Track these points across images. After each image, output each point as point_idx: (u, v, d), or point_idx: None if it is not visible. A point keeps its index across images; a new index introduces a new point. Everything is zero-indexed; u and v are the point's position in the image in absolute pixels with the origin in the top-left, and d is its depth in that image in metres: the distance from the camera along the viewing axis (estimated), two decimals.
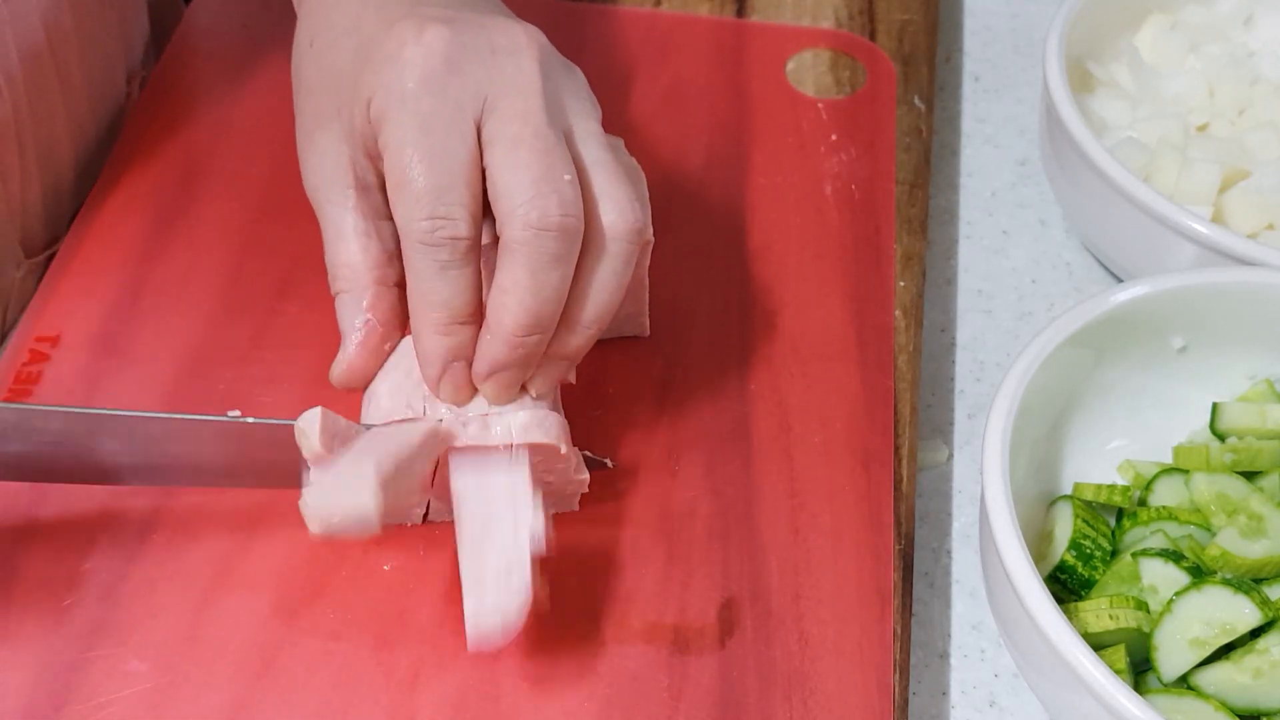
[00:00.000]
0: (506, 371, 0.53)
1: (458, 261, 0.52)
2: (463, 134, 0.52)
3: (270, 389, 0.62)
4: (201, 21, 0.79)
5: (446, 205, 0.51)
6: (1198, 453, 0.61)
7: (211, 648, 0.54)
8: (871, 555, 0.58)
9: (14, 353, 0.63)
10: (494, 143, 0.52)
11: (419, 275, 0.52)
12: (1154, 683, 0.55)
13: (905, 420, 0.63)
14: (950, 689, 0.60)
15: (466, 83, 0.52)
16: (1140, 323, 0.61)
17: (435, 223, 0.51)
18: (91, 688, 0.53)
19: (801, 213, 0.71)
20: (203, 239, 0.68)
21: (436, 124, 0.52)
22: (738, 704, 0.54)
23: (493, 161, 0.52)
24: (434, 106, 0.52)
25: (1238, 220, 0.69)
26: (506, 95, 0.52)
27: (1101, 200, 0.68)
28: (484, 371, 0.53)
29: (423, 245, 0.52)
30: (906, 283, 0.68)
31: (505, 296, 0.52)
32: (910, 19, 0.81)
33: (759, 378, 0.64)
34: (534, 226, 0.51)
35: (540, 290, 0.51)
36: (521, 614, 0.51)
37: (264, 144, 0.73)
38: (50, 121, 0.69)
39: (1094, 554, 0.58)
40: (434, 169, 0.51)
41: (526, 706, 0.54)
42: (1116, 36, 0.78)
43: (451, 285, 0.52)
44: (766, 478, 0.61)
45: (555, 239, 0.51)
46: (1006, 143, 0.81)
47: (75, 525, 0.58)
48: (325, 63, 0.56)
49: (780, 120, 0.75)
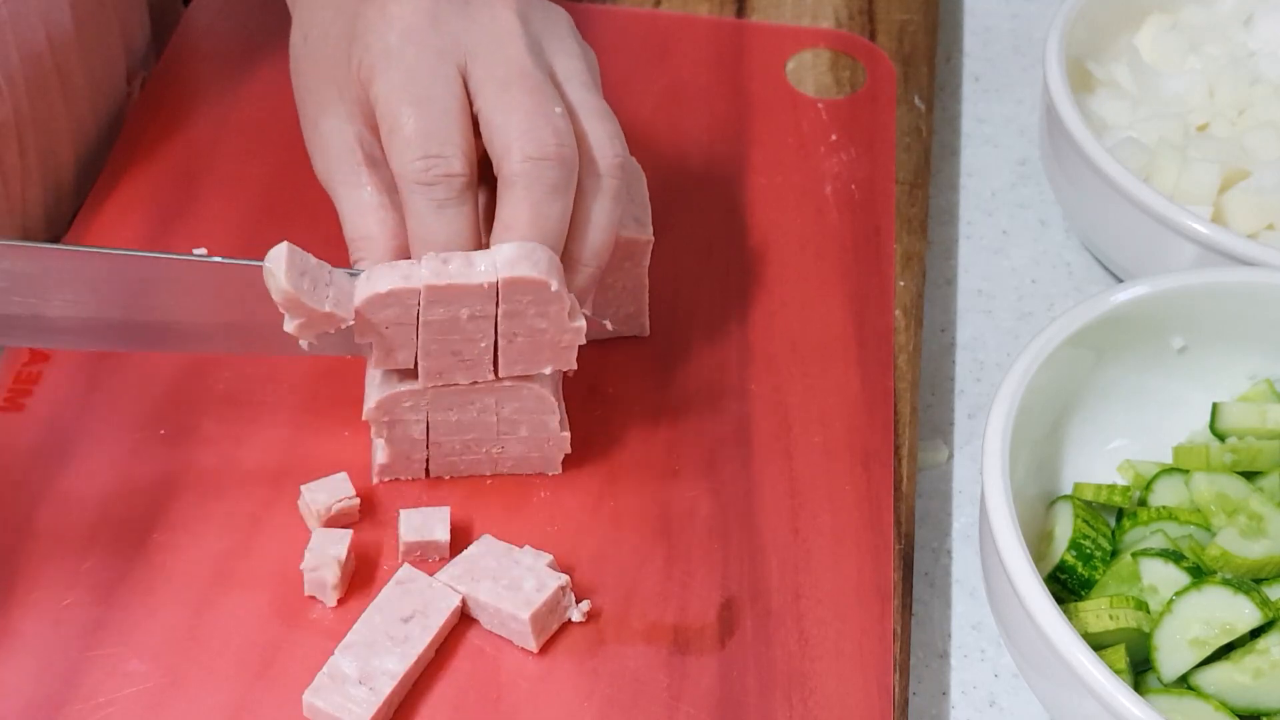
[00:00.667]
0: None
1: (454, 199, 0.53)
2: (448, 79, 0.53)
3: (270, 389, 0.62)
4: (201, 21, 0.79)
5: (439, 144, 0.52)
6: (1198, 453, 0.60)
7: (211, 648, 0.54)
8: (871, 555, 0.58)
9: (14, 353, 0.63)
10: (482, 88, 0.53)
11: (417, 217, 0.53)
12: (1154, 683, 0.55)
13: (905, 420, 0.63)
14: (950, 689, 0.60)
15: (446, 33, 0.54)
16: (1140, 323, 0.61)
17: (429, 161, 0.52)
18: (91, 688, 0.53)
19: (801, 213, 0.71)
20: (203, 239, 0.68)
21: (422, 71, 0.53)
22: (738, 704, 0.54)
23: (484, 105, 0.53)
24: (418, 55, 0.53)
25: (1238, 220, 0.69)
26: (488, 43, 0.54)
27: (1101, 200, 0.68)
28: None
29: (419, 185, 0.53)
30: (906, 283, 0.68)
31: (508, 232, 0.52)
32: (910, 19, 0.81)
33: (759, 378, 0.64)
34: (532, 157, 0.52)
35: (543, 221, 0.52)
36: None
37: (264, 144, 0.72)
38: (51, 122, 0.69)
39: (1094, 554, 0.58)
40: (423, 113, 0.53)
41: (527, 706, 0.54)
42: (1116, 36, 0.78)
43: (450, 224, 0.53)
44: (766, 478, 0.61)
45: (553, 168, 0.52)
46: (1006, 143, 0.81)
47: (75, 525, 0.58)
48: (319, 53, 0.57)
49: (780, 120, 0.75)
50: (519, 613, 0.54)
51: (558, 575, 0.55)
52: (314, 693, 0.52)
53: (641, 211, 0.62)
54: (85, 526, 0.58)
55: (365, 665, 0.53)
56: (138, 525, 0.58)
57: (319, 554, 0.55)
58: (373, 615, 0.54)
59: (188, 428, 0.61)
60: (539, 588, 0.54)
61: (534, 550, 0.56)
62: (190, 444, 0.60)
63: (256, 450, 0.60)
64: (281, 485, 0.59)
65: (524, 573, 0.55)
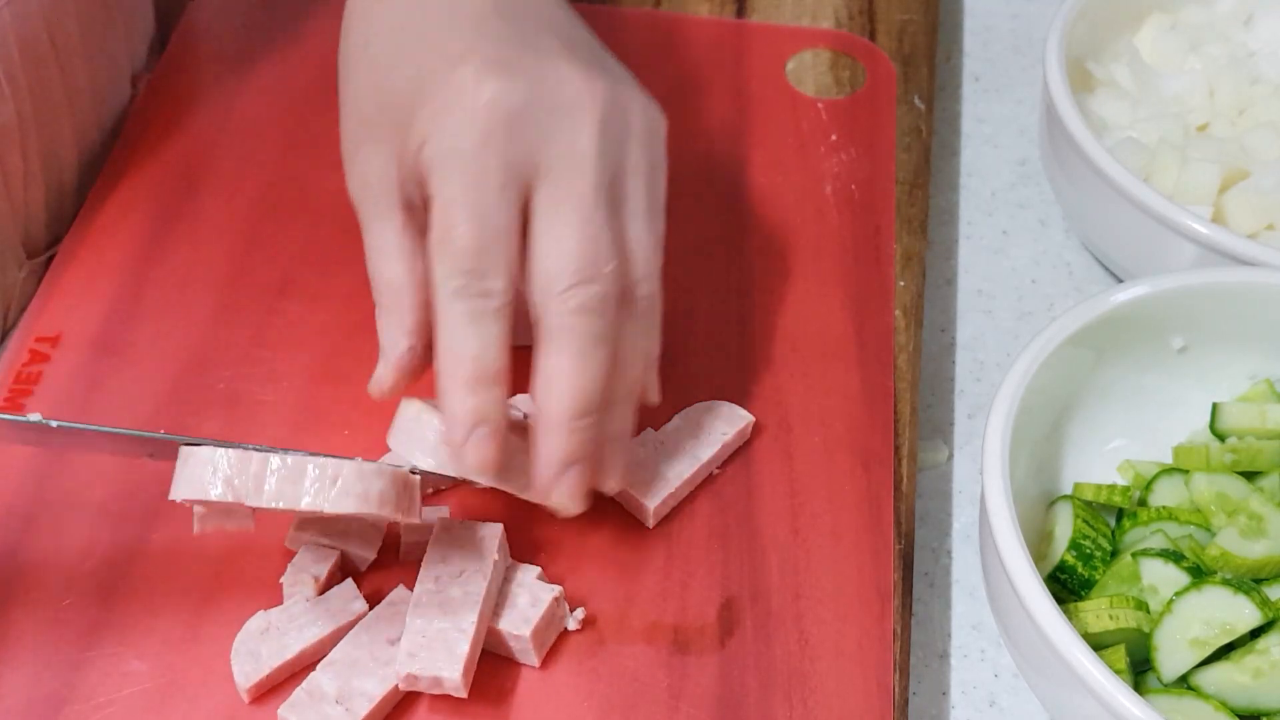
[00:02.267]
0: (573, 468, 0.52)
1: (490, 316, 0.51)
2: (510, 199, 0.51)
3: (270, 388, 0.62)
4: (201, 21, 0.79)
5: (485, 264, 0.51)
6: (1198, 453, 0.60)
7: (211, 648, 0.54)
8: (871, 555, 0.58)
9: (14, 353, 0.63)
10: (540, 214, 0.52)
11: (449, 329, 0.51)
12: (1154, 683, 0.55)
13: (905, 420, 0.63)
14: (950, 689, 0.60)
15: (520, 146, 0.51)
16: (1140, 323, 0.61)
17: (471, 277, 0.51)
18: (91, 688, 0.53)
19: (801, 213, 0.71)
20: (203, 239, 0.68)
21: (487, 186, 0.51)
22: (738, 704, 0.54)
23: (536, 232, 0.52)
24: (485, 167, 0.51)
25: (1238, 220, 0.69)
26: (560, 165, 0.52)
27: (1101, 200, 0.68)
28: (551, 472, 0.52)
29: (456, 298, 0.51)
30: (906, 283, 0.68)
31: (551, 386, 0.51)
32: (910, 19, 0.81)
33: (759, 378, 0.64)
34: (575, 310, 0.51)
35: (585, 374, 0.51)
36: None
37: (264, 144, 0.73)
38: (54, 123, 0.69)
39: (1094, 554, 0.58)
40: (477, 230, 0.51)
41: (526, 707, 0.54)
42: (1116, 36, 0.78)
43: (481, 339, 0.51)
44: (766, 478, 0.61)
45: (597, 319, 0.51)
46: (1006, 143, 0.81)
47: (75, 525, 0.58)
48: (380, 76, 0.55)
49: (780, 120, 0.75)
50: (519, 631, 0.54)
51: (550, 587, 0.55)
52: (290, 708, 0.52)
53: None
54: (85, 527, 0.58)
55: (345, 685, 0.52)
56: (138, 525, 0.58)
57: (297, 572, 0.55)
58: (360, 634, 0.54)
59: (188, 428, 0.61)
60: (534, 602, 0.54)
61: (522, 565, 0.56)
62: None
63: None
64: None
65: (515, 589, 0.55)
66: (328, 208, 0.69)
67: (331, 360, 0.63)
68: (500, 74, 0.52)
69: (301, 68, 0.76)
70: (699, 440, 0.60)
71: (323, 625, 0.54)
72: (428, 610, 0.53)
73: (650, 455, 0.60)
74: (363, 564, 0.56)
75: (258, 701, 0.53)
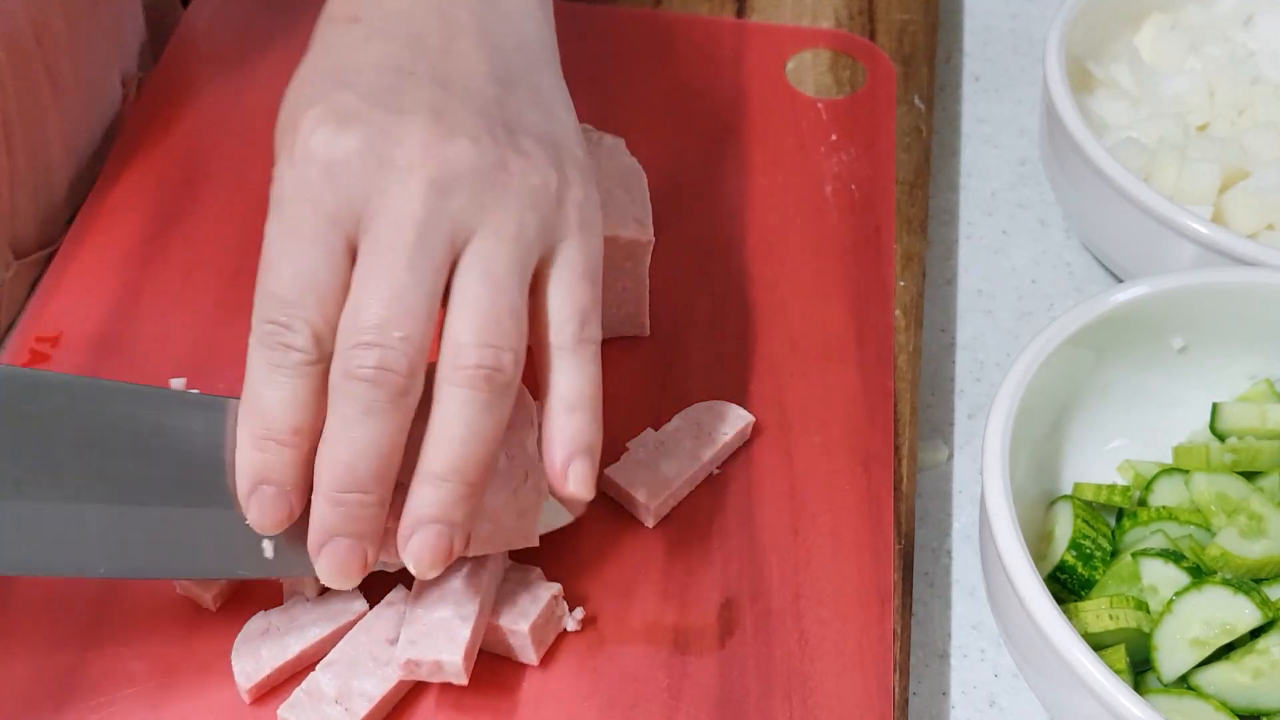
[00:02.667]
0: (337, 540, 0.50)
1: (288, 370, 0.49)
2: (326, 252, 0.49)
3: None
4: (201, 22, 0.79)
5: (288, 315, 0.49)
6: (1198, 453, 0.61)
7: (212, 648, 0.54)
8: (871, 555, 0.58)
9: (14, 353, 0.63)
10: (358, 266, 0.49)
11: (250, 377, 0.50)
12: (1154, 683, 0.55)
13: (905, 420, 0.63)
14: (950, 689, 0.60)
15: (340, 197, 0.49)
16: (1140, 323, 0.61)
17: (274, 328, 0.49)
18: (91, 688, 0.53)
19: (801, 213, 0.71)
20: (203, 239, 0.68)
21: (300, 235, 0.49)
22: (738, 704, 0.54)
23: (353, 282, 0.49)
24: (299, 215, 0.49)
25: (1238, 220, 0.69)
26: (381, 220, 0.49)
27: (1101, 200, 0.68)
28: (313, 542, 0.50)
29: (260, 345, 0.49)
30: (906, 283, 0.68)
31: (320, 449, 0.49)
32: (910, 19, 0.81)
33: (759, 378, 0.64)
34: (355, 377, 0.48)
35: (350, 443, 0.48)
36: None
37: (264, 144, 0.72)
38: (41, 124, 0.68)
39: (1094, 554, 0.58)
40: (287, 278, 0.49)
41: (526, 707, 0.54)
42: (1116, 36, 0.78)
43: (277, 392, 0.49)
44: (766, 478, 0.61)
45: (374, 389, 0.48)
46: (1006, 143, 0.81)
47: None
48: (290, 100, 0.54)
49: (780, 120, 0.75)
50: (517, 626, 0.54)
51: (549, 585, 0.55)
52: (289, 708, 0.52)
53: (641, 212, 0.62)
54: None
55: (344, 685, 0.52)
56: None
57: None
58: (359, 634, 0.54)
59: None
60: (533, 600, 0.54)
61: (521, 565, 0.56)
62: None
63: None
64: None
65: (514, 587, 0.55)
66: None
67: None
68: (333, 124, 0.50)
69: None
70: (699, 440, 0.60)
71: (323, 625, 0.54)
72: (428, 600, 0.53)
73: (650, 455, 0.60)
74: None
75: (258, 702, 0.53)
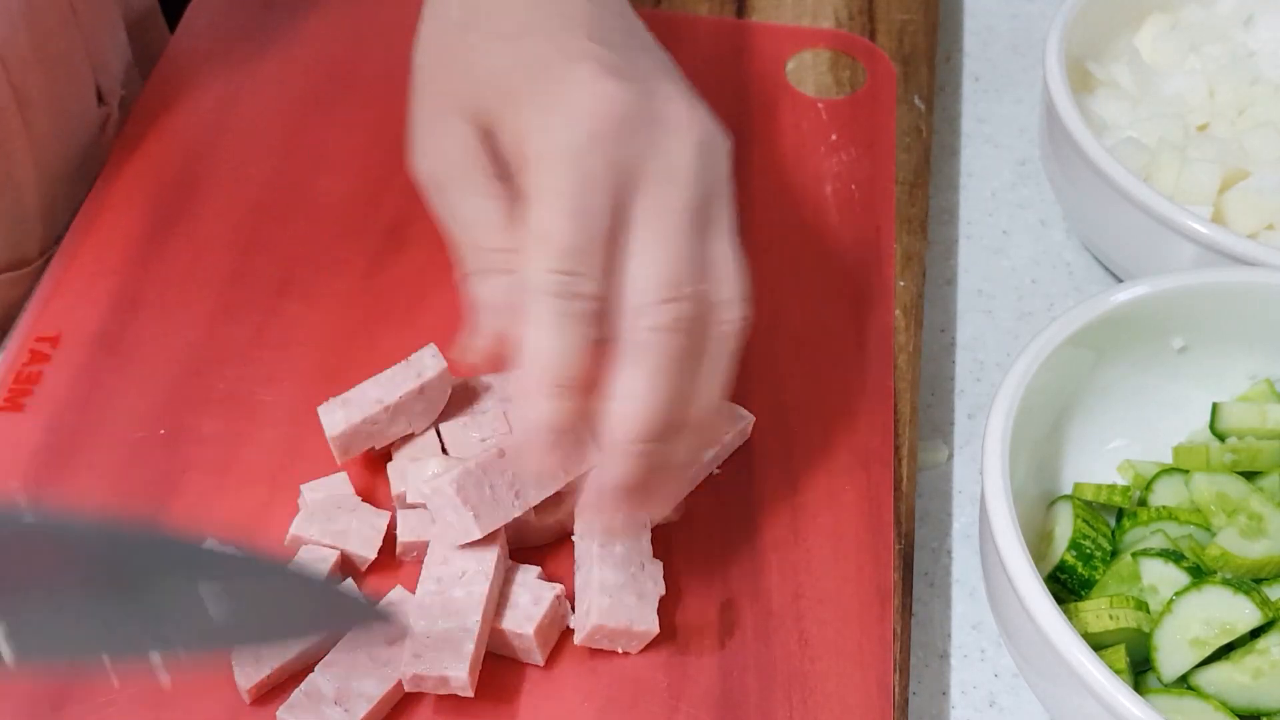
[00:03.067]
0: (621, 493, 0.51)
1: (578, 318, 0.49)
2: (612, 204, 0.50)
3: (270, 388, 0.62)
4: (198, 25, 0.79)
5: (580, 266, 0.49)
6: (1198, 453, 0.60)
7: None
8: (871, 555, 0.58)
9: (14, 353, 0.63)
10: (634, 225, 0.50)
11: (537, 327, 0.49)
12: (1154, 683, 0.55)
13: (905, 420, 0.63)
14: (950, 689, 0.60)
15: (625, 153, 0.50)
16: (1140, 323, 0.61)
17: (566, 277, 0.49)
18: (91, 688, 0.53)
19: (801, 213, 0.71)
20: (203, 239, 0.68)
21: (591, 187, 0.50)
22: (738, 704, 0.54)
23: (628, 243, 0.50)
24: (592, 168, 0.50)
25: (1238, 220, 0.69)
26: (661, 179, 0.51)
27: (1101, 200, 0.68)
28: (595, 495, 0.51)
29: (547, 296, 0.49)
30: (906, 283, 0.68)
31: (624, 404, 0.50)
32: (910, 19, 0.81)
33: (759, 378, 0.64)
34: (659, 329, 0.49)
35: (659, 393, 0.49)
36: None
37: (264, 144, 0.73)
38: (8, 143, 0.67)
39: (1094, 554, 0.58)
40: (579, 229, 0.49)
41: (526, 707, 0.54)
42: (1116, 36, 0.78)
43: (567, 340, 0.49)
44: (766, 478, 0.61)
45: (681, 339, 0.49)
46: (1006, 143, 0.81)
47: None
48: (477, 56, 0.53)
49: (780, 120, 0.75)
50: (523, 629, 0.53)
51: (552, 586, 0.55)
52: (288, 709, 0.52)
53: None
54: None
55: (343, 686, 0.52)
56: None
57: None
58: (358, 635, 0.53)
59: (188, 428, 0.61)
60: (535, 601, 0.54)
61: (522, 565, 0.56)
62: (190, 444, 0.60)
63: (256, 450, 0.60)
64: (281, 485, 0.59)
65: (517, 589, 0.55)
66: (327, 208, 0.69)
67: (331, 360, 0.63)
68: (615, 78, 0.51)
69: (301, 69, 0.76)
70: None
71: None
72: (431, 612, 0.53)
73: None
74: (362, 564, 0.56)
75: (258, 702, 0.53)
